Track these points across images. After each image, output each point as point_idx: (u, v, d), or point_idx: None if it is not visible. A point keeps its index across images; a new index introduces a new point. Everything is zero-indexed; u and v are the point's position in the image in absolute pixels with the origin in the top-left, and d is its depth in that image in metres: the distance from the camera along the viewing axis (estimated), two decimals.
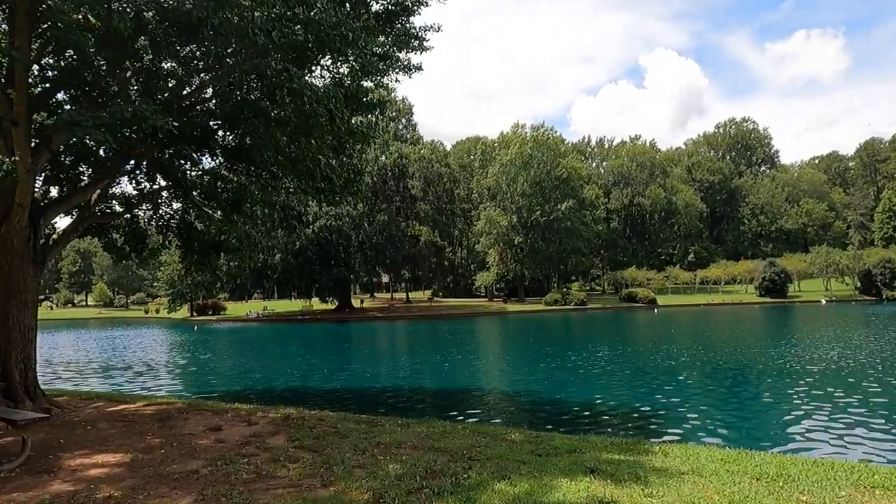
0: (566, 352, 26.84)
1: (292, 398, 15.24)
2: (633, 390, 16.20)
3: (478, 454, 6.14)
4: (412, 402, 14.56)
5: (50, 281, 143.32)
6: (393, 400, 14.90)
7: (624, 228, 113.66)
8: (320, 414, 8.75)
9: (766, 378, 17.57)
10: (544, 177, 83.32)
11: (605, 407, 13.76)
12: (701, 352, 25.29)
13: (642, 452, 6.30)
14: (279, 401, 14.33)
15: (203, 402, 9.55)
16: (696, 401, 14.53)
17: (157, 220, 11.92)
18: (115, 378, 21.30)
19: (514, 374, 19.98)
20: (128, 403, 9.34)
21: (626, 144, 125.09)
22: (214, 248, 12.31)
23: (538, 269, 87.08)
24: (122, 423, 7.81)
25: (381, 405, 14.22)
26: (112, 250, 12.22)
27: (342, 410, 13.39)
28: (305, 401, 14.55)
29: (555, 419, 12.61)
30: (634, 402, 14.23)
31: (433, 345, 32.81)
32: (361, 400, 15.03)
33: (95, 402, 9.64)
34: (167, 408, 8.93)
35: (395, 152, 68.23)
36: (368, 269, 72.14)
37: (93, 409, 8.95)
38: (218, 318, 79.93)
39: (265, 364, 24.86)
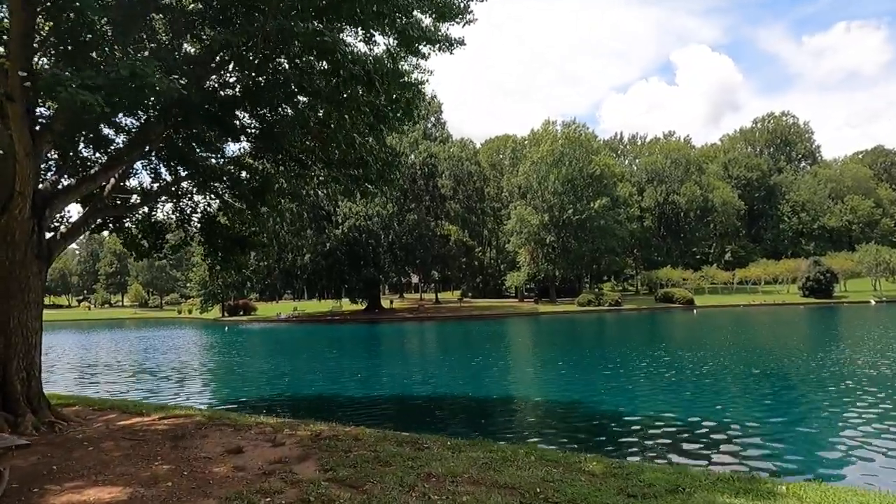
0: (608, 355, 25.28)
1: (323, 406, 14.17)
2: (690, 400, 14.70)
3: (554, 494, 4.89)
4: (453, 412, 13.33)
5: (88, 282, 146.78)
6: (432, 409, 13.68)
7: (658, 227, 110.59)
8: (356, 431, 7.60)
9: (837, 386, 15.82)
10: (576, 174, 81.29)
11: (664, 419, 12.31)
12: (757, 358, 23.47)
13: (767, 495, 4.95)
14: (309, 409, 13.26)
15: (225, 415, 8.51)
16: (764, 414, 12.98)
17: (177, 213, 10.95)
18: (140, 383, 20.59)
19: (557, 380, 18.58)
20: (143, 416, 8.35)
21: (660, 141, 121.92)
22: (239, 244, 11.29)
23: (570, 268, 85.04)
24: (130, 443, 6.79)
25: (420, 415, 13.01)
26: (131, 247, 11.31)
27: (377, 420, 12.24)
28: (337, 410, 13.46)
29: (614, 434, 11.25)
30: (696, 415, 12.76)
31: (467, 347, 31.55)
32: (398, 409, 13.86)
33: (108, 413, 8.68)
34: (185, 422, 7.91)
35: (425, 151, 67.15)
36: (398, 270, 71.25)
37: (102, 422, 7.98)
38: (248, 318, 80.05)
39: (295, 367, 23.92)
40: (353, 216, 63.63)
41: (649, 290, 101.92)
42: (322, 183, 10.26)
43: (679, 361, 22.43)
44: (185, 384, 19.05)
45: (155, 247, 11.23)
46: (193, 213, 11.08)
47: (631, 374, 19.55)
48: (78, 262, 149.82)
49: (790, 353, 24.28)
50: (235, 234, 11.18)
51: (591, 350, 28.70)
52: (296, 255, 64.93)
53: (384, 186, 10.17)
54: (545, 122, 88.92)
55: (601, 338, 37.60)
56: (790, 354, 23.93)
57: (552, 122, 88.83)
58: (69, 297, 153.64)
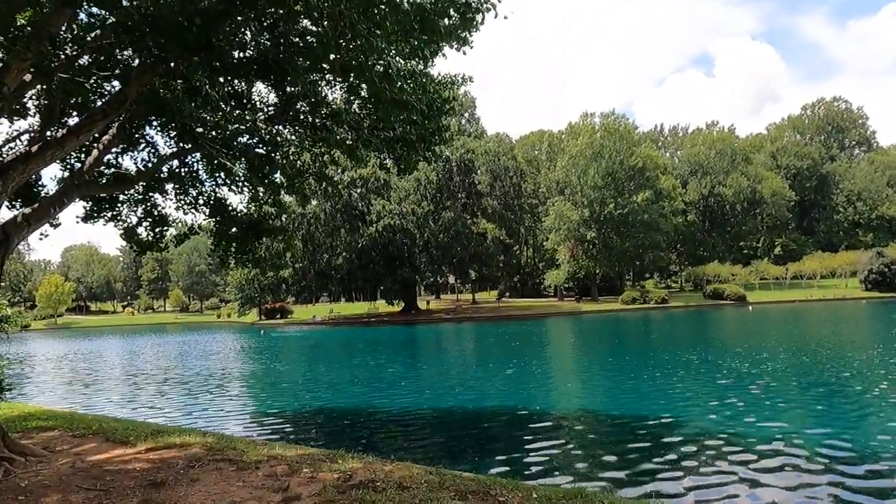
0: (672, 358, 22.68)
1: (361, 421, 12.25)
2: (819, 416, 12.22)
3: None
4: (510, 430, 11.20)
5: (131, 288, 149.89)
6: (488, 426, 11.56)
7: (703, 221, 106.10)
8: (400, 473, 5.59)
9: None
10: (617, 167, 78.04)
11: (782, 440, 9.96)
12: (843, 358, 20.61)
13: None
14: (345, 427, 11.36)
15: (231, 444, 6.65)
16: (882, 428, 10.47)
17: (180, 194, 9.17)
18: (165, 392, 19.14)
19: (624, 389, 16.23)
20: (127, 445, 6.56)
21: (703, 132, 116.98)
22: (253, 230, 9.47)
23: (612, 265, 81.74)
24: (93, 494, 4.97)
25: (473, 438, 10.92)
26: (130, 238, 9.59)
27: (424, 443, 10.24)
28: (377, 428, 11.52)
29: (713, 464, 8.96)
30: (804, 428, 10.41)
31: (513, 350, 29.31)
32: (446, 426, 11.80)
33: (86, 441, 6.93)
34: (176, 455, 6.07)
35: (462, 146, 65.12)
36: (434, 269, 69.43)
37: (71, 457, 6.21)
38: (285, 321, 79.45)
39: (332, 374, 22.10)
40: (386, 214, 62.04)
41: (695, 287, 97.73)
42: (349, 150, 8.30)
43: (764, 364, 19.78)
44: (215, 393, 17.44)
45: (156, 237, 9.52)
46: (200, 195, 9.31)
47: (707, 379, 17.06)
48: (122, 268, 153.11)
49: (881, 352, 21.32)
50: (248, 220, 9.39)
51: (651, 352, 26.09)
52: (330, 256, 63.77)
53: (428, 152, 8.11)
54: (583, 114, 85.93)
55: (657, 338, 34.82)
56: (883, 354, 20.98)
57: (590, 115, 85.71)
58: (114, 303, 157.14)
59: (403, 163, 8.73)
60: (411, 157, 8.23)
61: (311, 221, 65.05)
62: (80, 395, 18.15)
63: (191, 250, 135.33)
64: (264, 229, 9.51)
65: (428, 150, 8.10)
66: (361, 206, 66.54)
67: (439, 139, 8.02)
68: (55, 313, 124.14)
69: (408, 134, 7.43)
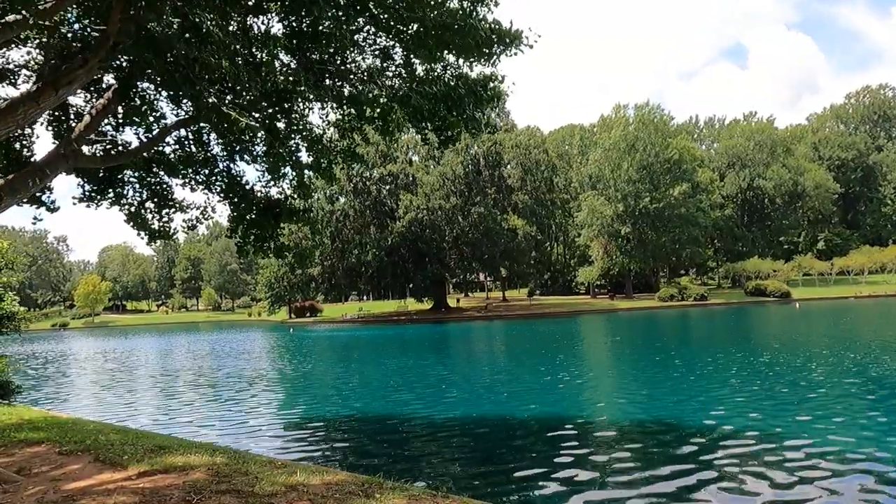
0: (725, 358, 20.92)
1: (396, 433, 10.98)
2: (869, 423, 10.53)
3: None
4: (573, 448, 9.77)
5: (165, 287, 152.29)
6: (541, 445, 10.13)
7: (741, 215, 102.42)
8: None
9: None
10: (652, 160, 75.51)
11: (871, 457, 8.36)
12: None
13: None
14: (376, 441, 10.10)
15: (243, 468, 5.42)
16: None
17: (188, 170, 7.99)
18: (186, 393, 18.25)
19: (687, 395, 14.64)
20: (117, 468, 5.40)
21: (740, 123, 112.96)
22: (271, 211, 8.29)
23: (646, 261, 79.16)
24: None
25: (528, 453, 9.54)
26: (137, 223, 8.47)
27: (471, 457, 8.91)
28: (416, 441, 10.23)
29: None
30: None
31: (553, 350, 27.75)
32: (497, 443, 10.39)
33: (71, 461, 5.77)
34: (173, 483, 4.86)
35: (489, 139, 63.59)
36: (464, 266, 68.08)
37: (44, 485, 5.04)
38: (314, 319, 79.17)
39: (362, 375, 20.92)
40: (414, 209, 60.91)
41: (733, 284, 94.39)
42: (383, 113, 7.02)
43: (831, 366, 17.92)
44: (240, 396, 16.41)
45: (162, 219, 8.40)
46: (213, 173, 8.14)
47: (778, 384, 15.32)
48: (156, 268, 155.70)
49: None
50: (267, 201, 8.22)
51: (700, 351, 24.30)
52: (359, 253, 63.00)
53: (478, 111, 6.74)
54: (615, 106, 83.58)
55: (702, 337, 32.86)
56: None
57: (623, 106, 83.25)
58: (149, 303, 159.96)
59: (447, 130, 7.39)
60: (458, 120, 6.88)
61: (340, 218, 64.42)
62: (99, 397, 17.34)
63: (222, 250, 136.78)
64: (284, 212, 8.32)
65: (478, 109, 6.75)
66: (390, 202, 65.61)
67: (492, 93, 6.67)
68: (92, 312, 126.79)
69: (454, 89, 6.13)
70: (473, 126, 7.76)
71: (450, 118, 6.74)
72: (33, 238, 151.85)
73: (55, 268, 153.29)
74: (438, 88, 6.39)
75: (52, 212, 8.16)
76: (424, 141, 8.42)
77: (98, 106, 6.50)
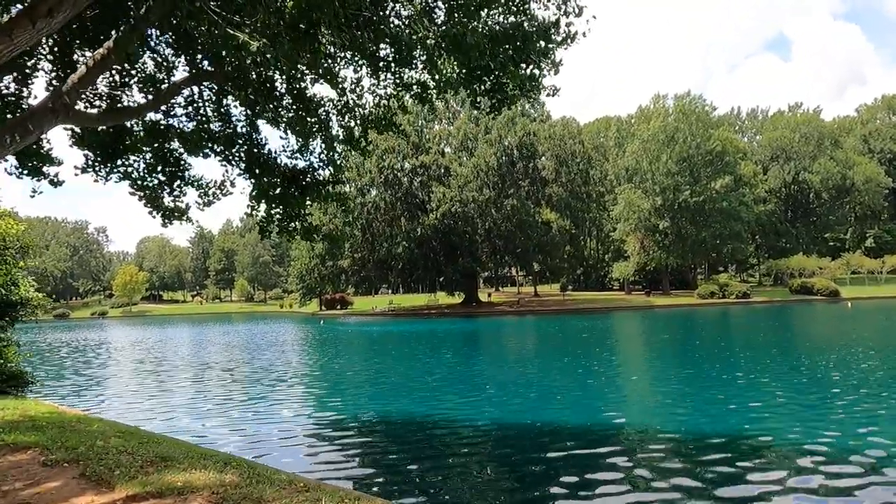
0: (789, 362, 19.25)
1: (434, 440, 9.89)
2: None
3: None
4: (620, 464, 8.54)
5: (199, 278, 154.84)
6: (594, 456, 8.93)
7: (784, 210, 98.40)
8: None
9: None
10: (693, 151, 72.76)
11: None
12: None
13: None
14: (411, 450, 9.02)
15: (253, 490, 4.38)
16: None
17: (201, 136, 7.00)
18: (210, 388, 17.55)
19: (747, 401, 13.19)
20: (101, 488, 4.38)
21: (785, 114, 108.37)
22: (297, 183, 7.27)
23: (685, 257, 76.49)
24: None
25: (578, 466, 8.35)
26: (148, 198, 7.54)
27: (516, 474, 7.77)
28: (457, 452, 9.13)
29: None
30: None
31: (592, 349, 26.33)
32: (553, 448, 9.26)
33: (54, 475, 4.80)
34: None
35: (522, 129, 61.94)
36: (496, 260, 66.74)
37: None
38: (345, 312, 78.94)
39: (395, 371, 19.89)
40: (446, 201, 59.77)
41: (774, 281, 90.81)
42: (428, 61, 5.95)
43: None
44: (266, 392, 15.59)
45: (173, 192, 7.45)
46: (229, 140, 7.15)
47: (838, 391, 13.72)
48: (191, 259, 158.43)
49: None
50: (291, 171, 7.22)
51: (749, 353, 22.60)
52: (390, 246, 62.25)
53: (537, 68, 5.60)
54: (654, 96, 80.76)
55: (750, 337, 30.93)
56: None
57: (662, 97, 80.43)
58: (184, 293, 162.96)
59: (501, 91, 6.23)
60: (516, 73, 5.70)
61: (371, 210, 63.76)
62: (119, 391, 16.72)
63: (255, 242, 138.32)
64: (312, 184, 7.29)
65: (544, 57, 5.57)
66: (421, 194, 64.66)
67: (565, 34, 5.48)
68: (130, 302, 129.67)
69: (518, 26, 4.96)
70: (532, 86, 6.57)
71: (509, 68, 5.55)
72: (75, 229, 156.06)
73: (95, 258, 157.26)
74: (499, 24, 5.24)
75: (56, 185, 7.31)
76: (474, 105, 7.25)
77: (96, 56, 5.56)
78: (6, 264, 11.18)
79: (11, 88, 7.11)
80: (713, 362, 19.01)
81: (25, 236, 11.44)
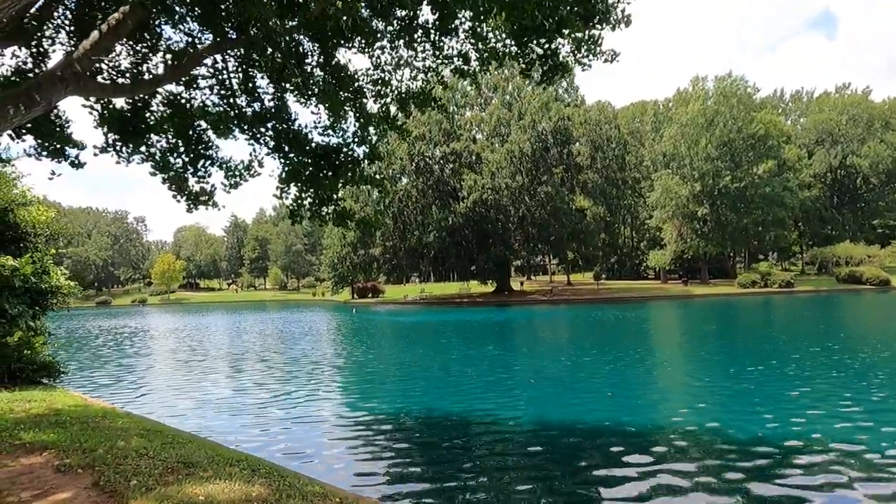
0: (854, 357, 18.04)
1: (479, 442, 9.29)
2: None
3: None
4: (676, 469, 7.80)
5: (234, 266, 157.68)
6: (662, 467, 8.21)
7: (830, 196, 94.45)
8: None
9: None
10: (734, 135, 70.13)
11: None
12: None
13: None
14: (455, 457, 8.43)
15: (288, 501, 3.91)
16: None
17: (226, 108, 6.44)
18: (244, 382, 17.32)
19: (816, 402, 12.22)
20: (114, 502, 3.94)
21: (832, 96, 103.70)
22: (329, 162, 6.69)
23: (724, 245, 74.05)
24: None
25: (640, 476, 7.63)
26: (172, 181, 7.07)
27: (570, 482, 7.11)
28: (505, 457, 8.51)
29: None
30: None
31: (634, 341, 25.37)
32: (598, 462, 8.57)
33: (65, 485, 4.36)
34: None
35: (557, 113, 60.47)
36: (529, 248, 65.69)
37: None
38: (376, 300, 79.09)
39: (430, 364, 19.33)
40: (478, 188, 58.93)
41: (819, 270, 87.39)
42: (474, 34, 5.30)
43: None
44: (301, 384, 15.22)
45: (197, 172, 6.95)
46: (257, 116, 6.59)
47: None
48: (226, 248, 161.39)
49: None
50: (323, 148, 6.64)
51: (819, 346, 21.34)
52: (421, 234, 61.81)
53: (600, 25, 4.89)
54: (693, 78, 77.94)
55: (802, 329, 29.46)
56: None
57: (702, 79, 77.58)
58: (219, 281, 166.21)
59: (553, 57, 5.50)
60: (581, 28, 4.97)
61: (403, 198, 63.38)
62: (151, 381, 16.60)
63: (288, 231, 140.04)
64: (346, 162, 6.69)
65: (606, 17, 4.84)
66: (453, 182, 63.95)
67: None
68: (168, 289, 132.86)
69: None
70: (589, 50, 5.81)
71: (573, 23, 4.81)
72: (115, 218, 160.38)
73: (135, 247, 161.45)
74: None
75: (77, 168, 6.89)
76: (524, 74, 6.53)
77: (111, 20, 5.05)
78: (37, 251, 10.97)
79: (29, 64, 6.69)
80: (777, 358, 17.90)
81: (55, 224, 11.21)
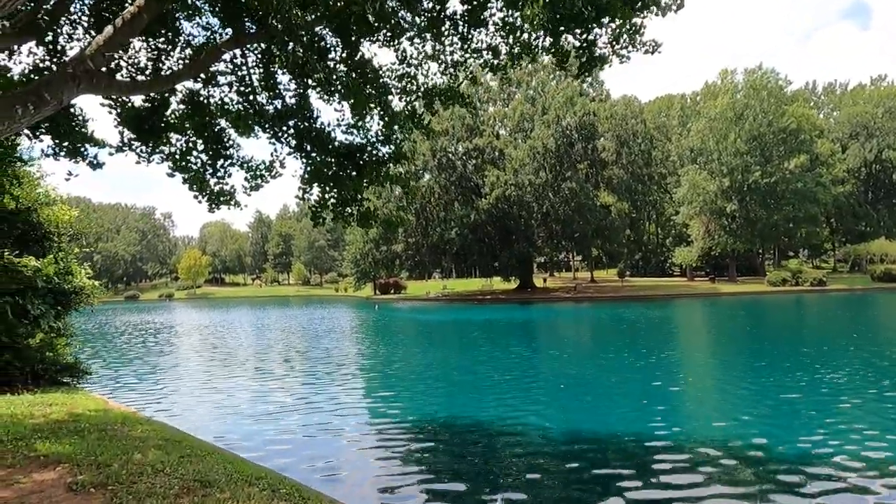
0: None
1: (511, 455, 8.94)
2: None
3: None
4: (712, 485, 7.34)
5: (259, 262, 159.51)
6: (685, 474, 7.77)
7: (865, 191, 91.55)
8: None
9: None
10: (764, 129, 68.30)
11: None
12: None
13: None
14: (482, 470, 8.10)
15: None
16: None
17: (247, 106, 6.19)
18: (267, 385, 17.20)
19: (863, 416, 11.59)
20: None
21: (867, 88, 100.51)
22: (352, 161, 6.39)
23: (754, 242, 72.25)
24: None
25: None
26: (192, 181, 6.85)
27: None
28: (535, 469, 8.15)
29: None
30: None
31: (664, 341, 24.71)
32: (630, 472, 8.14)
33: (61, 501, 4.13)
34: None
35: (581, 108, 59.54)
36: (553, 244, 64.93)
37: None
38: (398, 297, 79.09)
39: (455, 366, 18.96)
40: (501, 185, 58.38)
41: (851, 268, 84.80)
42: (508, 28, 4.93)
43: None
44: (326, 386, 15.02)
45: (217, 171, 6.71)
46: (279, 113, 6.32)
47: None
48: (251, 244, 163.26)
49: None
50: (344, 146, 6.34)
51: (867, 351, 20.50)
52: (443, 230, 61.53)
53: (655, 4, 4.48)
54: (722, 71, 76.07)
55: (848, 328, 28.43)
56: None
57: (731, 72, 75.69)
58: (244, 276, 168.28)
59: (592, 47, 5.11)
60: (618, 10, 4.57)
61: (425, 195, 63.13)
62: (173, 381, 16.56)
63: (311, 226, 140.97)
64: (370, 162, 6.39)
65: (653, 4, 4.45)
66: (476, 178, 63.51)
67: None
68: (194, 284, 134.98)
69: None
70: (630, 40, 5.40)
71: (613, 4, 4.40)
72: (143, 214, 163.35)
73: (162, 242, 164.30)
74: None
75: (95, 168, 6.71)
76: (560, 66, 6.13)
77: (125, 15, 4.80)
78: (60, 251, 10.91)
79: (47, 62, 6.50)
80: (822, 363, 17.17)
81: (78, 223, 11.15)
